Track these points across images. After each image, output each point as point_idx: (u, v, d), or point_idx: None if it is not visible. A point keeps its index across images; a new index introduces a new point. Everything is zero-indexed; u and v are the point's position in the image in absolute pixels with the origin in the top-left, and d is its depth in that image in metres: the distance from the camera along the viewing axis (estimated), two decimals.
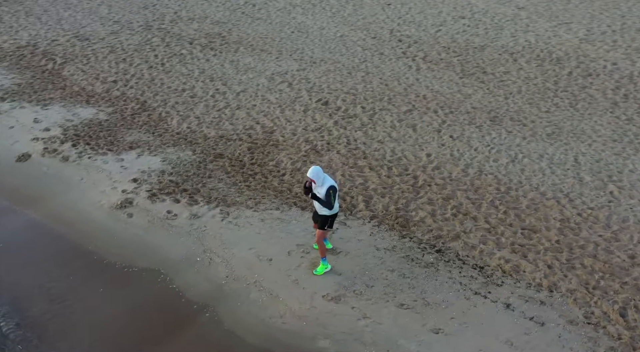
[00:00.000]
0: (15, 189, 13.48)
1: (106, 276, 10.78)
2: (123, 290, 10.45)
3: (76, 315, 9.93)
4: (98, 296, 10.38)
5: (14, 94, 17.81)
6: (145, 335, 9.51)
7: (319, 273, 10.54)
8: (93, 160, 14.11)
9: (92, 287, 10.57)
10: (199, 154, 14.39)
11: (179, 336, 9.43)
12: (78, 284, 10.61)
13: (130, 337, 9.48)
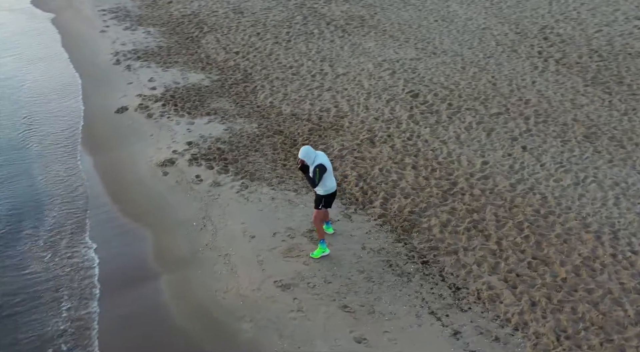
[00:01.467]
0: (100, 136, 15.43)
1: (109, 224, 12.02)
2: (111, 240, 11.57)
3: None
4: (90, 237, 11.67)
5: (150, 54, 20.07)
6: (104, 282, 10.50)
7: (314, 256, 10.44)
8: (169, 120, 15.49)
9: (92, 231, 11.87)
10: (261, 128, 14.99)
11: (120, 294, 10.25)
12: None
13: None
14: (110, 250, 11.34)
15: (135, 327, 9.50)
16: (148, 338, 9.25)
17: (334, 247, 10.76)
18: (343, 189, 12.45)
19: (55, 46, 21.94)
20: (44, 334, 9.36)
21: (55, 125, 16.17)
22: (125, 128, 15.52)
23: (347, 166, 13.21)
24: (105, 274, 10.70)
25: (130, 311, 9.84)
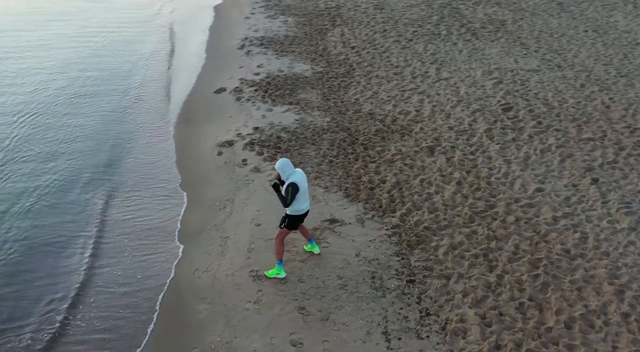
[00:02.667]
0: (193, 111, 16.70)
1: (160, 187, 13.15)
2: (154, 201, 12.64)
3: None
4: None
5: (273, 42, 21.07)
6: (130, 234, 11.63)
7: (268, 275, 9.85)
8: (252, 105, 16.25)
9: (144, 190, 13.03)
10: (331, 123, 15.09)
11: (132, 248, 11.22)
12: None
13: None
14: (151, 208, 12.43)
15: (118, 280, 10.37)
16: (120, 296, 10.05)
17: (328, 248, 10.64)
18: (373, 193, 12.18)
19: (203, 29, 23.97)
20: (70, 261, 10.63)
21: (165, 98, 17.88)
22: (215, 107, 16.62)
23: (391, 172, 12.84)
24: (133, 226, 11.88)
25: (125, 264, 10.75)
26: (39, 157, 14.23)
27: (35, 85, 18.23)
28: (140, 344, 9.04)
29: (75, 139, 15.18)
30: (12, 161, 13.93)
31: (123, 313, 9.65)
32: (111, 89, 18.26)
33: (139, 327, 9.36)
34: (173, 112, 16.90)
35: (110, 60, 20.69)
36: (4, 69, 19.53)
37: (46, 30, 23.72)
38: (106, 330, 9.32)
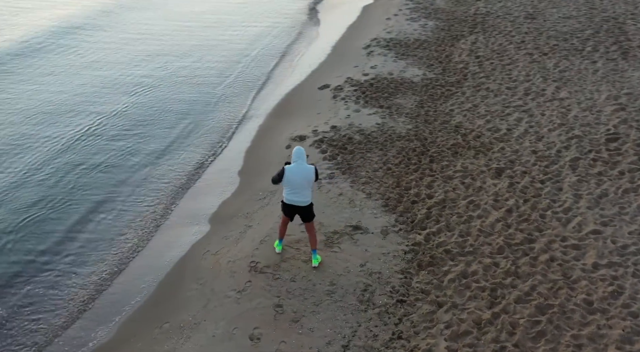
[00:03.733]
0: (292, 104, 17.38)
1: (225, 169, 14.16)
2: (215, 182, 13.62)
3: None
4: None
5: (399, 45, 20.94)
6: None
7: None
8: (343, 104, 16.44)
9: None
10: (411, 131, 14.74)
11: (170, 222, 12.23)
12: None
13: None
14: (202, 188, 13.46)
15: (137, 250, 11.42)
16: (133, 266, 11.05)
17: (337, 254, 10.62)
18: (412, 207, 11.84)
19: (342, 27, 24.59)
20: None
21: (271, 89, 18.86)
22: (311, 103, 17.13)
23: (443, 188, 12.34)
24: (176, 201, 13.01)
25: (152, 238, 11.78)
26: (139, 125, 16.04)
27: (160, 64, 20.36)
28: (121, 312, 9.90)
29: (170, 112, 16.90)
30: (119, 118, 16.02)
31: (123, 281, 10.63)
32: (226, 74, 19.80)
33: (130, 295, 10.25)
34: (273, 102, 17.75)
35: (240, 49, 22.25)
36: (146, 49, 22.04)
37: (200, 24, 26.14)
38: (95, 297, 10.32)
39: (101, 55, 21.33)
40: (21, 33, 23.22)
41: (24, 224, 11.93)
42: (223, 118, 16.88)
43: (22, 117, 16.26)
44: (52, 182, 13.25)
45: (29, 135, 15.29)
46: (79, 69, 19.93)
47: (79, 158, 14.24)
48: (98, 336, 9.42)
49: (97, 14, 26.43)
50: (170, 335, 9.20)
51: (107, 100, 17.52)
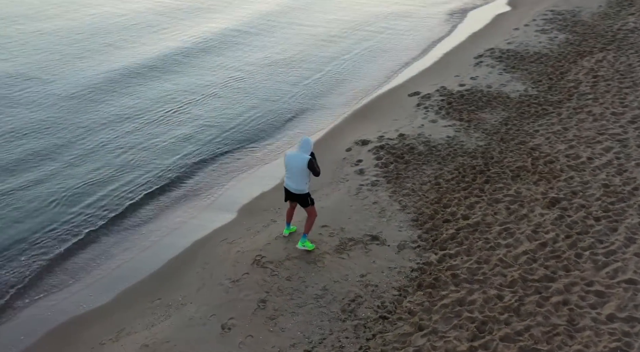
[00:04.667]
0: (377, 106, 17.38)
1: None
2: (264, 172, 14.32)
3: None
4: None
5: (513, 57, 20.00)
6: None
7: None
8: (423, 113, 16.13)
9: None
10: (479, 149, 14.14)
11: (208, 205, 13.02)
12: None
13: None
14: (246, 178, 14.14)
15: (164, 232, 12.27)
16: (153, 242, 11.94)
17: (344, 261, 10.67)
18: (441, 226, 11.50)
19: (464, 34, 23.95)
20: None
21: (361, 91, 19.03)
22: (394, 108, 17.02)
23: (484, 211, 11.80)
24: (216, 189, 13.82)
25: (181, 222, 12.58)
26: (219, 106, 17.27)
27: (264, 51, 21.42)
28: (127, 282, 10.80)
29: (252, 99, 17.95)
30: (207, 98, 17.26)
31: (144, 253, 11.55)
32: (327, 70, 20.44)
33: (143, 267, 11.13)
34: (359, 103, 17.95)
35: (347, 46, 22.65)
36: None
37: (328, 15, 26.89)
38: (115, 264, 11.32)
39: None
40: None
41: (107, 180, 13.70)
42: (305, 113, 17.39)
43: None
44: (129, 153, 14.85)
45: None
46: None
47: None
48: (99, 298, 10.38)
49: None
50: (155, 311, 9.92)
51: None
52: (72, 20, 25.00)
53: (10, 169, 13.92)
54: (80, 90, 18.28)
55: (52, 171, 13.94)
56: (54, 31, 23.39)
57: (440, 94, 17.37)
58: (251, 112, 17.34)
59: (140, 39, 23.12)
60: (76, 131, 15.82)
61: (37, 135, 15.54)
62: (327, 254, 10.84)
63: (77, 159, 14.53)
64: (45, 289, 10.69)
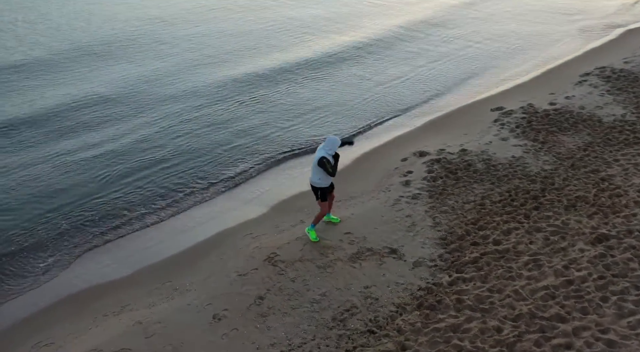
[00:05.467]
0: (455, 118, 17.19)
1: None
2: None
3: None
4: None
5: (625, 78, 18.62)
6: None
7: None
8: (497, 129, 15.52)
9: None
10: (544, 173, 13.41)
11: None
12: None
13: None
14: (301, 175, 14.52)
15: (199, 219, 13.01)
16: (187, 228, 12.70)
17: (354, 270, 10.68)
18: (467, 248, 11.14)
19: (582, 49, 22.59)
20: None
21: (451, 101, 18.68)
22: (470, 122, 16.52)
23: (519, 239, 11.26)
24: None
25: (218, 212, 13.27)
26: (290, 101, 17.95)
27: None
28: (149, 259, 11.59)
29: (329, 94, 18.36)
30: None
31: (173, 240, 12.28)
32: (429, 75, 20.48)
33: (167, 247, 11.91)
34: (439, 112, 17.72)
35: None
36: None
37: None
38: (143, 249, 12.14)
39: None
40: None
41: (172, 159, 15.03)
42: (378, 114, 17.53)
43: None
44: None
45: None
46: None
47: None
48: (120, 273, 11.27)
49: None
50: (162, 292, 10.59)
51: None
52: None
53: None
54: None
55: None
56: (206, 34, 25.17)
57: (523, 112, 16.63)
58: (320, 112, 17.69)
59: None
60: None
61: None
62: (339, 261, 10.92)
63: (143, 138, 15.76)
64: (80, 256, 11.77)
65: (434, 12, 28.50)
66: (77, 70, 20.64)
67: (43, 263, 11.46)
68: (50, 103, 17.85)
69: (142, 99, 18.42)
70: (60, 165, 14.68)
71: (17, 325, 10.10)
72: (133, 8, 28.64)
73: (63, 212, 12.87)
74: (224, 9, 28.80)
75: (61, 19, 26.35)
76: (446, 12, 28.55)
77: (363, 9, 29.52)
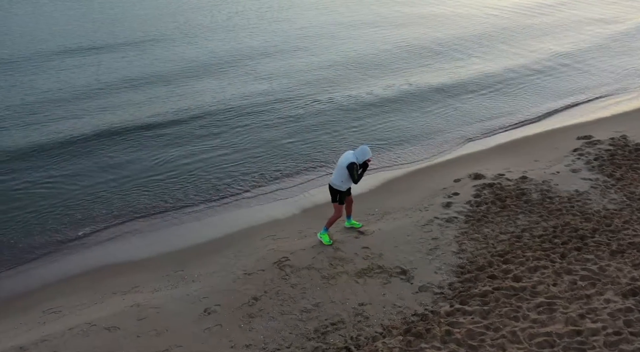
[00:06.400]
0: (534, 141, 16.58)
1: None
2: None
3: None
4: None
5: None
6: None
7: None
8: (572, 160, 14.69)
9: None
10: (605, 211, 12.40)
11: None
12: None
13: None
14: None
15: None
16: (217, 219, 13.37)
17: (355, 286, 10.66)
18: (480, 281, 10.72)
19: None
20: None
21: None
22: (547, 147, 15.80)
23: (542, 278, 10.64)
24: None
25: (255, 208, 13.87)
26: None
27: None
28: (172, 246, 12.33)
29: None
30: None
31: (203, 231, 13.00)
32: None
33: (195, 235, 12.68)
34: (519, 135, 17.04)
35: None
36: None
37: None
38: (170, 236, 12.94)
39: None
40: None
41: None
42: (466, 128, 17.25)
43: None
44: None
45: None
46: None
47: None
48: (142, 252, 12.20)
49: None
50: (170, 280, 11.25)
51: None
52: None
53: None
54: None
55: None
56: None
57: (611, 143, 15.50)
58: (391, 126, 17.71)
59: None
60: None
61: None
62: (345, 274, 10.97)
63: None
64: (118, 234, 12.85)
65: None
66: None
67: (80, 232, 12.62)
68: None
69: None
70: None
71: (36, 289, 11.22)
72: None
73: (112, 189, 14.09)
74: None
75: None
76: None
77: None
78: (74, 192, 14.14)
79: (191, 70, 21.91)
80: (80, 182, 14.53)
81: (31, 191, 14.09)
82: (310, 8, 32.70)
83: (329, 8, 33.11)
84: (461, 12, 32.28)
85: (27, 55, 23.43)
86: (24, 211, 13.23)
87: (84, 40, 25.82)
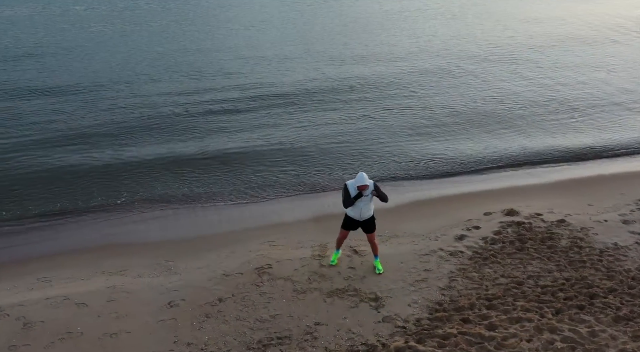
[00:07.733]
0: (600, 182, 15.63)
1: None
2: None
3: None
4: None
5: None
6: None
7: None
8: (629, 208, 13.54)
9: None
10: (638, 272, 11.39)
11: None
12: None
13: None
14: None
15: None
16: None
17: (322, 305, 10.61)
18: (452, 321, 10.27)
19: None
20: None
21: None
22: (612, 192, 14.74)
23: (519, 330, 9.92)
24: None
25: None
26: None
27: None
28: (177, 236, 13.10)
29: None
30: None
31: (217, 226, 13.78)
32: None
33: (199, 232, 13.29)
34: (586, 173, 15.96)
35: None
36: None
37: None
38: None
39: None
40: None
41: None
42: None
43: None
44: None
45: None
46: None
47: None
48: (148, 237, 13.25)
49: None
50: (157, 268, 12.01)
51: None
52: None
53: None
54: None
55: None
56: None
57: None
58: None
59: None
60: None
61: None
62: (317, 291, 11.02)
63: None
64: (141, 214, 13.97)
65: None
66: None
67: (97, 205, 13.95)
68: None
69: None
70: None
71: (40, 257, 12.50)
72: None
73: (147, 169, 15.45)
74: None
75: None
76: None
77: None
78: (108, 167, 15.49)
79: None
80: (117, 160, 15.94)
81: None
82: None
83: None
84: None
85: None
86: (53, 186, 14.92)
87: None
